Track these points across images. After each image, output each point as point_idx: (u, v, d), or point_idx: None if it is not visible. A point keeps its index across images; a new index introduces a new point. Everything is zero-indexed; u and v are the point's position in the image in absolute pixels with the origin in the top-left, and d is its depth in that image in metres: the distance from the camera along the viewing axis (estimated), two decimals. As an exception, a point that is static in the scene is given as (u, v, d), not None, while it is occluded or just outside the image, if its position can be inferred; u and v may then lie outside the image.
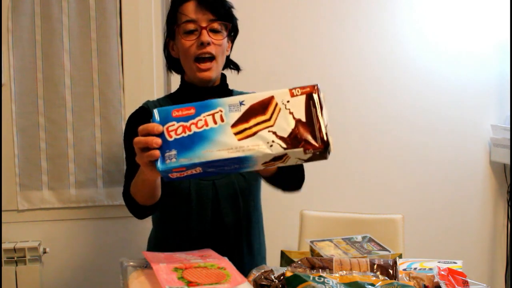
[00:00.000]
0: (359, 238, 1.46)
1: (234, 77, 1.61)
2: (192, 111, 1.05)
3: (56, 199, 2.24)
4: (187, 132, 1.04)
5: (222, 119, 1.04)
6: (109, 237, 2.30)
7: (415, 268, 1.27)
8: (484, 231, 2.64)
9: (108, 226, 2.30)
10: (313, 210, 2.14)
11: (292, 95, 1.04)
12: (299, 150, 1.01)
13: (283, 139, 1.01)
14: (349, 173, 2.50)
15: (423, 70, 2.52)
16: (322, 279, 1.06)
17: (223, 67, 1.53)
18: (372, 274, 1.12)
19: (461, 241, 2.60)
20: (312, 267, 1.13)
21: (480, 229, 2.64)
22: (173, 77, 1.81)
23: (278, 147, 1.01)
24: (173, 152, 1.03)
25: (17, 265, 2.15)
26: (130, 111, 1.60)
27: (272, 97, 1.04)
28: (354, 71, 2.46)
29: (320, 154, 1.03)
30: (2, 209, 2.18)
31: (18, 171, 2.21)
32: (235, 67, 1.61)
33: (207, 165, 1.03)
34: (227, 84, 1.56)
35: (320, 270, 1.12)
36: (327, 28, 2.42)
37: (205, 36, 1.41)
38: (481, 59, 2.56)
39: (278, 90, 1.04)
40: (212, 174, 1.08)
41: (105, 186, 2.26)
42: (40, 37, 2.18)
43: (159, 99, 1.58)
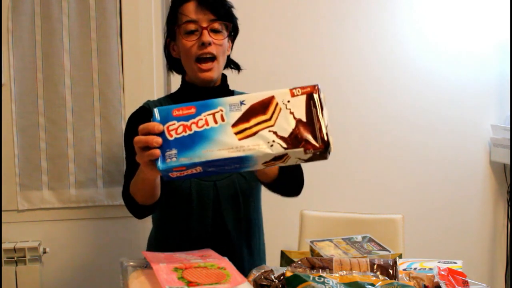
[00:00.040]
0: (359, 238, 1.46)
1: (234, 77, 1.61)
2: (193, 110, 1.05)
3: (56, 199, 2.24)
4: (187, 131, 1.04)
5: (222, 118, 1.04)
6: (109, 237, 2.30)
7: (415, 268, 1.27)
8: (484, 231, 2.64)
9: (108, 226, 2.30)
10: (313, 210, 2.14)
11: (292, 95, 1.04)
12: (299, 150, 1.01)
13: (283, 139, 1.01)
14: (349, 173, 2.50)
15: (423, 70, 2.51)
16: (322, 279, 1.06)
17: (224, 66, 1.53)
18: (372, 274, 1.12)
19: (461, 241, 2.60)
20: (312, 267, 1.13)
21: (480, 229, 2.64)
22: (173, 77, 1.81)
23: (279, 147, 1.01)
24: (174, 151, 1.03)
25: (17, 265, 2.14)
26: (130, 111, 1.60)
27: (272, 97, 1.04)
28: (354, 71, 2.46)
29: (320, 154, 1.03)
30: (2, 209, 2.17)
31: (18, 171, 2.20)
32: (236, 66, 1.61)
33: (207, 165, 1.03)
34: (228, 85, 1.56)
35: (320, 270, 1.12)
36: (327, 28, 2.42)
37: (206, 36, 1.41)
38: (481, 59, 2.56)
39: (279, 90, 1.04)
40: (212, 174, 1.08)
41: (105, 186, 2.26)
42: (40, 37, 2.18)
43: (160, 99, 1.58)
